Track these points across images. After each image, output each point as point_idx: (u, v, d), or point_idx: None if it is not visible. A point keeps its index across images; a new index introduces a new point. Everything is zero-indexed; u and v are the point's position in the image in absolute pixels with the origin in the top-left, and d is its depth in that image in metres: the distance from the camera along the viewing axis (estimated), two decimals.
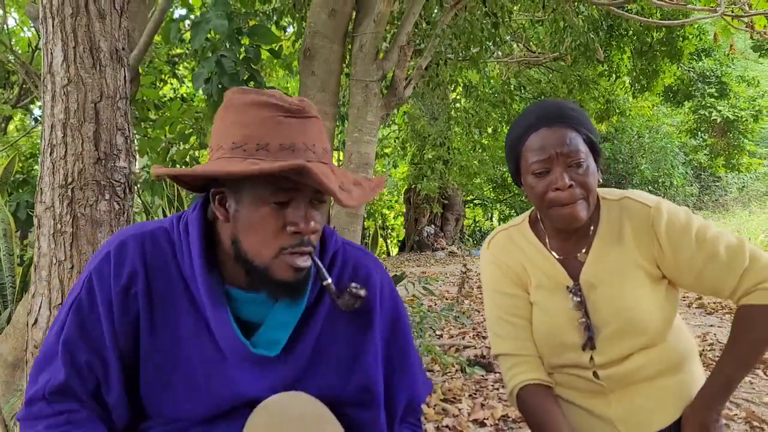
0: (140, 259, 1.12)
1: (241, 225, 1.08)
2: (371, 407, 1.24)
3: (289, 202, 1.07)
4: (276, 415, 1.05)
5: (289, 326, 1.15)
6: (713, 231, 1.41)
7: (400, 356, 1.32)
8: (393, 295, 1.33)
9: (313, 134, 1.09)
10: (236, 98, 1.10)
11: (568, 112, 1.40)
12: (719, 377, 1.40)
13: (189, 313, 1.13)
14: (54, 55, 1.73)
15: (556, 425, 1.41)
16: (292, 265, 1.08)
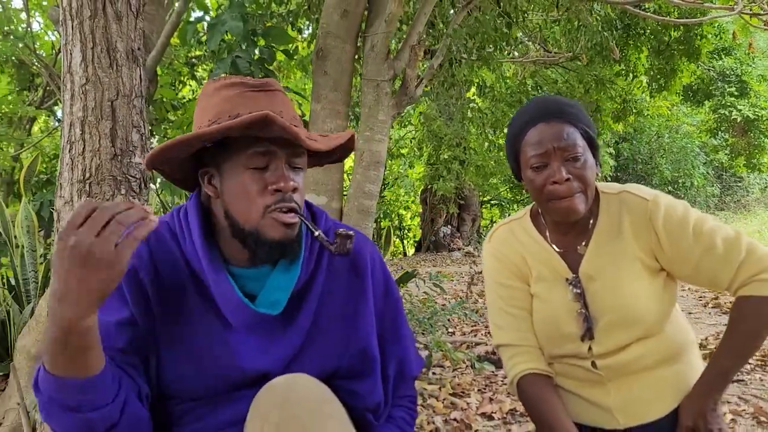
0: (145, 249, 1.19)
1: (227, 195, 1.17)
2: (369, 376, 1.30)
3: (267, 167, 1.16)
4: (279, 396, 1.10)
5: (288, 288, 1.21)
6: (710, 224, 1.44)
7: (392, 327, 1.38)
8: (383, 269, 1.40)
9: (280, 103, 1.19)
10: (209, 86, 1.22)
11: (565, 107, 1.44)
12: (716, 367, 1.42)
13: (195, 294, 1.20)
14: (73, 55, 1.81)
15: (554, 414, 1.45)
16: (281, 221, 1.15)
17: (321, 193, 3.33)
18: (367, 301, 1.31)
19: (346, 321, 1.29)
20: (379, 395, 1.31)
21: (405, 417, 1.41)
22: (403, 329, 1.42)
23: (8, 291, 3.31)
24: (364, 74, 3.43)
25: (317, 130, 3.36)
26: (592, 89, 9.08)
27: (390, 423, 1.37)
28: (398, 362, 1.38)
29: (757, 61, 14.27)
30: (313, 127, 3.38)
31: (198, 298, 1.20)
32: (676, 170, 18.13)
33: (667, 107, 12.15)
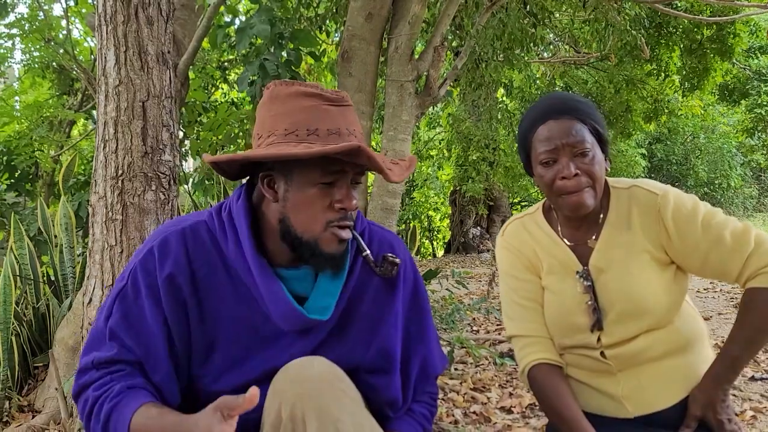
0: (182, 250, 1.24)
1: (291, 204, 1.21)
2: (388, 373, 1.35)
3: (335, 183, 1.20)
4: (295, 375, 1.16)
5: (335, 294, 1.28)
6: (720, 217, 1.46)
7: (418, 328, 1.43)
8: (414, 271, 1.46)
9: (352, 120, 1.24)
10: (281, 90, 1.22)
11: (574, 104, 1.48)
12: (726, 358, 1.44)
13: (231, 295, 1.25)
14: (107, 58, 1.91)
15: (564, 403, 1.49)
16: (338, 237, 1.22)
17: None
18: (395, 305, 1.36)
19: (371, 322, 1.34)
20: (397, 390, 1.36)
21: (424, 412, 1.46)
22: (429, 330, 1.47)
23: (48, 286, 3.46)
24: (388, 75, 3.50)
25: None
26: (623, 89, 9.01)
27: (408, 416, 1.43)
28: (422, 361, 1.43)
29: None
30: None
31: (233, 300, 1.25)
32: (712, 171, 17.75)
33: (700, 107, 11.94)
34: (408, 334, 1.41)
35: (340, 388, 1.17)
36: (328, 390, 1.14)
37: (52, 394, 2.88)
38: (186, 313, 1.23)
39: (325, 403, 1.11)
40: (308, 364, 1.19)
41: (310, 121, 1.18)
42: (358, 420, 1.16)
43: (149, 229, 1.91)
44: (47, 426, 2.71)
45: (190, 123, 4.69)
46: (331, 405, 1.12)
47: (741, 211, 18.57)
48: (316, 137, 1.17)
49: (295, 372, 1.17)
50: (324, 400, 1.12)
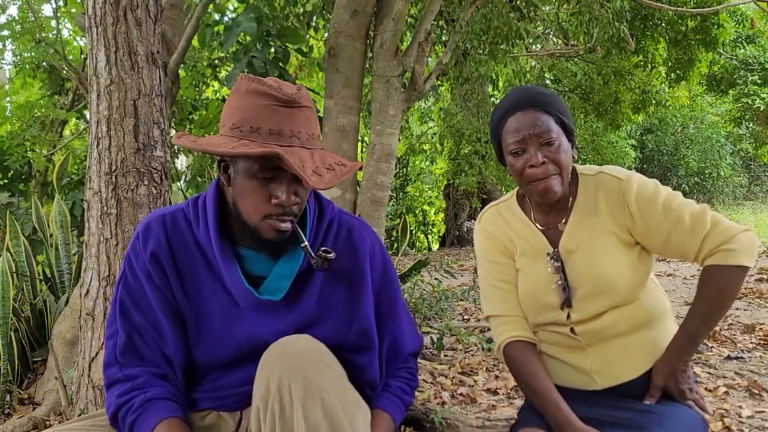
0: (163, 233, 1.38)
1: (237, 190, 1.31)
2: (367, 351, 1.45)
3: (274, 178, 1.27)
4: (282, 351, 1.25)
5: (290, 277, 1.37)
6: (679, 200, 1.56)
7: (389, 307, 1.54)
8: (383, 255, 1.55)
9: (300, 122, 1.28)
10: (242, 84, 1.30)
11: (540, 96, 1.57)
12: (686, 332, 1.54)
13: (207, 274, 1.38)
14: (98, 59, 1.99)
15: (537, 376, 1.58)
16: (275, 228, 1.31)
17: (335, 185, 3.49)
18: (365, 285, 1.46)
19: (348, 303, 1.44)
20: (376, 369, 1.47)
21: (401, 386, 1.56)
22: (400, 310, 1.57)
23: (44, 283, 3.53)
24: (375, 71, 3.58)
25: (331, 125, 3.52)
26: (611, 81, 9.09)
27: (386, 392, 1.52)
28: (392, 339, 1.53)
29: None
30: (327, 122, 3.54)
31: (209, 278, 1.38)
32: (702, 161, 17.89)
33: (686, 97, 12.04)
34: (380, 313, 1.51)
35: (325, 362, 1.26)
36: (314, 363, 1.23)
37: (51, 387, 2.96)
38: (171, 287, 1.37)
39: (310, 376, 1.20)
40: (295, 341, 1.28)
41: (256, 119, 1.26)
42: (342, 391, 1.26)
43: None
44: (48, 417, 2.79)
45: (182, 120, 4.76)
46: (317, 377, 1.20)
47: (731, 200, 18.71)
48: (258, 135, 1.25)
49: (282, 347, 1.26)
50: (310, 373, 1.20)
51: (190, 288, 1.38)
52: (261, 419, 1.21)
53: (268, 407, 1.19)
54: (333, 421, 1.19)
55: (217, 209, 1.37)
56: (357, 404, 1.29)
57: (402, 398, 1.54)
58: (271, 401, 1.19)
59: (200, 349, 1.39)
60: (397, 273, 1.61)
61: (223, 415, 1.42)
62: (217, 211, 1.37)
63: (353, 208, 3.53)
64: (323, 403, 1.18)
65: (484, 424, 2.19)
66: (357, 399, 1.31)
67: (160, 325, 1.36)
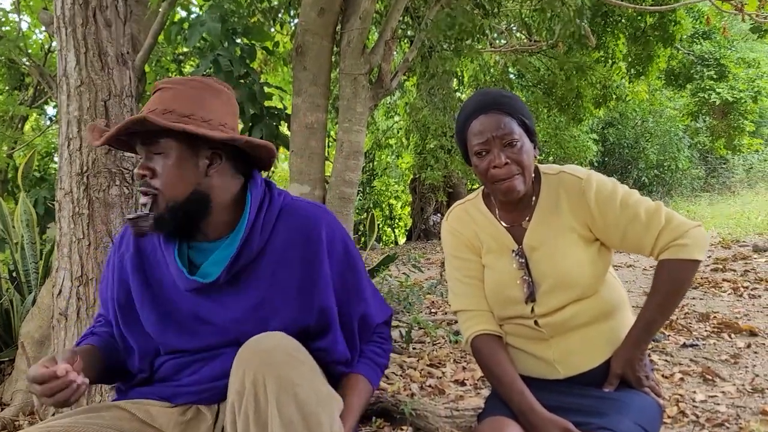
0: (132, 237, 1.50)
1: None
2: (329, 332, 1.51)
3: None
4: (256, 346, 1.30)
5: (223, 262, 1.44)
6: (635, 197, 1.64)
7: (354, 285, 1.60)
8: (343, 237, 1.60)
9: (165, 100, 1.41)
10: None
11: (502, 99, 1.64)
12: (642, 322, 1.62)
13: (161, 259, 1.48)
14: (68, 60, 1.99)
15: (503, 368, 1.65)
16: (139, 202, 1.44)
17: (304, 183, 3.53)
18: (322, 266, 1.51)
19: (305, 285, 1.49)
20: (343, 347, 1.53)
21: (374, 349, 1.64)
22: (363, 290, 1.63)
23: (10, 282, 3.49)
24: (342, 68, 3.62)
25: (299, 122, 3.55)
26: (573, 76, 9.28)
27: (361, 358, 1.60)
28: (361, 316, 1.60)
29: (736, 44, 14.48)
30: (295, 120, 3.57)
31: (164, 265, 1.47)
32: (661, 154, 18.33)
33: (646, 92, 12.34)
34: (346, 292, 1.56)
35: (298, 357, 1.31)
36: (287, 359, 1.28)
37: (19, 387, 2.94)
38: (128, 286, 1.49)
39: (284, 371, 1.24)
40: (268, 338, 1.33)
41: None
42: (315, 385, 1.30)
43: (115, 222, 2.01)
44: (17, 417, 2.77)
45: None
46: (290, 372, 1.25)
47: (689, 192, 19.23)
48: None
49: (257, 344, 1.30)
50: (283, 368, 1.25)
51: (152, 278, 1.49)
52: (236, 413, 1.25)
53: (243, 402, 1.23)
54: (305, 413, 1.23)
55: None
56: (330, 397, 1.34)
57: (375, 360, 1.62)
58: (246, 396, 1.23)
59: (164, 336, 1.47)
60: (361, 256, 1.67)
61: (202, 408, 1.47)
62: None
63: (323, 203, 3.57)
64: (296, 398, 1.23)
65: (453, 414, 2.27)
66: (330, 392, 1.36)
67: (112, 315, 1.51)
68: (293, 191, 3.54)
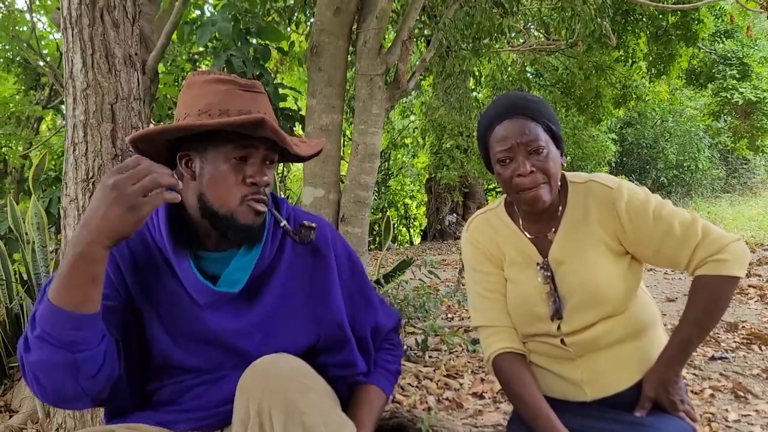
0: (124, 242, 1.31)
1: (207, 180, 1.29)
2: (344, 346, 1.44)
3: (247, 159, 1.29)
4: (261, 372, 1.21)
5: (248, 268, 1.34)
6: (669, 209, 1.54)
7: (361, 299, 1.53)
8: (344, 245, 1.55)
9: (264, 106, 1.32)
10: (198, 78, 1.32)
11: (527, 104, 1.54)
12: (677, 342, 1.52)
13: (166, 274, 1.34)
14: (74, 62, 1.92)
15: (526, 389, 1.56)
16: (254, 209, 1.30)
17: (318, 186, 3.45)
18: (332, 278, 1.44)
19: (316, 298, 1.42)
20: (360, 359, 1.46)
21: (385, 357, 1.58)
22: (372, 299, 1.56)
23: (21, 286, 3.44)
24: (358, 69, 3.53)
25: (313, 124, 3.48)
26: (592, 76, 9.14)
27: (375, 369, 1.53)
28: (373, 325, 1.54)
29: (759, 43, 14.20)
30: (310, 122, 3.49)
31: (171, 279, 1.34)
32: (681, 154, 18.08)
33: (666, 92, 12.15)
34: (353, 302, 1.50)
35: (306, 383, 1.22)
36: (294, 385, 1.19)
37: (28, 394, 2.89)
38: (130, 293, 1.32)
39: (291, 398, 1.16)
40: (274, 362, 1.24)
41: (223, 102, 1.27)
42: (325, 413, 1.21)
43: None
44: (25, 426, 2.72)
45: (161, 118, 4.67)
46: (298, 399, 1.17)
47: (709, 192, 18.96)
48: (227, 116, 1.25)
49: (262, 369, 1.22)
50: (290, 395, 1.16)
51: (151, 292, 1.34)
52: None
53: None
54: None
55: (169, 208, 1.35)
56: (341, 426, 1.26)
57: (387, 368, 1.56)
58: (250, 426, 1.15)
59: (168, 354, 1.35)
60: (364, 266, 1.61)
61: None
62: (169, 210, 1.35)
63: (337, 208, 3.49)
64: (304, 426, 1.15)
65: (472, 431, 2.18)
66: (341, 420, 1.27)
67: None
68: (307, 195, 3.46)
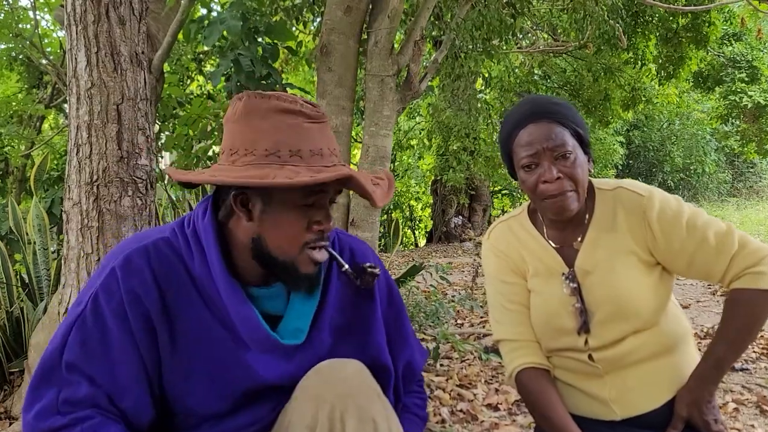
0: (148, 269, 1.15)
1: (268, 224, 1.17)
2: (382, 376, 1.33)
3: (314, 203, 1.18)
4: (330, 376, 1.14)
5: (309, 315, 1.25)
6: (704, 218, 1.46)
7: (396, 326, 1.44)
8: (386, 277, 1.45)
9: (331, 138, 1.21)
10: (259, 103, 1.16)
11: (553, 107, 1.46)
12: (712, 359, 1.44)
13: (204, 313, 1.18)
14: (78, 60, 1.85)
15: (552, 407, 1.48)
16: (313, 259, 1.20)
17: None
18: (375, 311, 1.36)
19: (357, 332, 1.33)
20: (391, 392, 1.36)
21: (416, 402, 1.48)
22: (408, 331, 1.48)
23: (22, 288, 3.37)
24: (368, 70, 3.45)
25: None
26: (601, 78, 9.05)
27: (405, 413, 1.43)
28: (406, 363, 1.44)
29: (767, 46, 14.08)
30: None
31: (208, 318, 1.18)
32: (687, 157, 18.01)
33: (675, 95, 12.05)
34: (390, 339, 1.41)
35: (374, 388, 1.17)
36: (365, 390, 1.14)
37: None
38: (155, 337, 1.15)
39: (363, 403, 1.10)
40: (341, 366, 1.18)
41: (293, 141, 1.14)
42: (392, 421, 1.16)
43: (127, 236, 1.86)
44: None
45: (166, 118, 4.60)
46: (369, 404, 1.11)
47: (715, 196, 18.87)
48: (299, 159, 1.13)
49: (330, 373, 1.16)
50: (362, 400, 1.11)
51: (181, 333, 1.17)
52: None
53: None
54: None
55: (220, 242, 1.20)
56: None
57: (419, 414, 1.47)
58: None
59: (195, 398, 1.19)
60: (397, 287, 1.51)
61: None
62: (220, 245, 1.20)
63: (346, 212, 3.41)
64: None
65: None
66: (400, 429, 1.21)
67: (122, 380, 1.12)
68: None
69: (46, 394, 1.09)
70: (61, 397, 1.08)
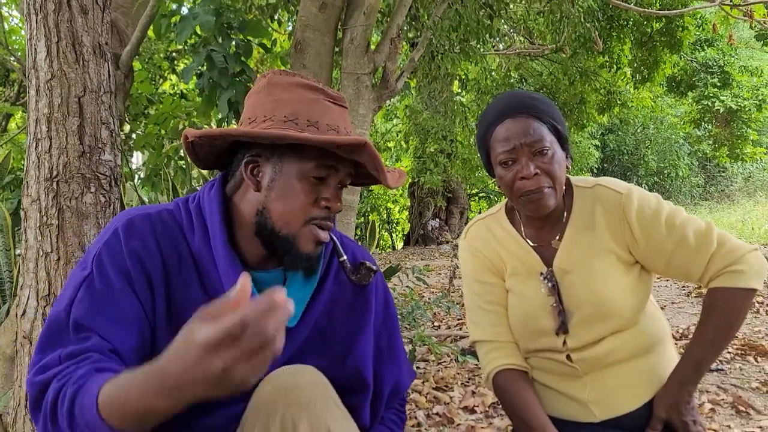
0: (151, 234, 1.13)
1: (275, 194, 1.15)
2: (360, 392, 1.28)
3: (326, 179, 1.16)
4: (284, 383, 1.08)
5: (303, 301, 1.21)
6: (683, 216, 1.44)
7: (389, 345, 1.38)
8: (383, 284, 1.40)
9: (349, 123, 1.22)
10: (281, 78, 1.19)
11: (531, 102, 1.43)
12: (690, 359, 1.42)
13: (199, 289, 1.15)
14: (38, 50, 1.77)
15: (530, 408, 1.45)
16: (316, 237, 1.16)
17: None
18: (368, 321, 1.31)
19: (345, 336, 1.28)
20: (367, 414, 1.30)
21: (393, 418, 1.42)
22: (399, 349, 1.42)
23: None
24: (344, 68, 3.40)
25: None
26: (577, 81, 9.10)
27: (378, 425, 1.37)
28: (394, 382, 1.38)
29: (740, 52, 14.34)
30: None
31: (201, 294, 1.14)
32: (661, 161, 18.26)
33: (650, 99, 12.19)
34: (380, 352, 1.35)
35: (331, 396, 1.10)
36: (320, 398, 1.07)
37: None
38: (154, 303, 1.10)
39: (317, 412, 1.04)
40: (296, 372, 1.11)
41: (312, 112, 1.15)
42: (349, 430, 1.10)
43: (89, 235, 1.78)
44: None
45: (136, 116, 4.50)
46: (324, 413, 1.05)
47: (688, 200, 19.15)
48: (316, 129, 1.13)
49: (284, 380, 1.09)
50: (316, 408, 1.04)
51: (176, 303, 1.13)
52: None
53: None
54: None
55: (224, 220, 1.16)
56: None
57: (392, 429, 1.39)
58: None
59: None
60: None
61: None
62: (225, 223, 1.16)
63: None
64: None
65: None
66: None
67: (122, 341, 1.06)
68: None
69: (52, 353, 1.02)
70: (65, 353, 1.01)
